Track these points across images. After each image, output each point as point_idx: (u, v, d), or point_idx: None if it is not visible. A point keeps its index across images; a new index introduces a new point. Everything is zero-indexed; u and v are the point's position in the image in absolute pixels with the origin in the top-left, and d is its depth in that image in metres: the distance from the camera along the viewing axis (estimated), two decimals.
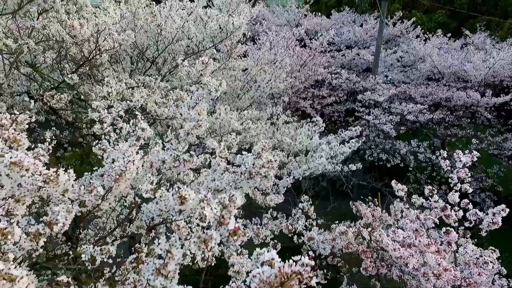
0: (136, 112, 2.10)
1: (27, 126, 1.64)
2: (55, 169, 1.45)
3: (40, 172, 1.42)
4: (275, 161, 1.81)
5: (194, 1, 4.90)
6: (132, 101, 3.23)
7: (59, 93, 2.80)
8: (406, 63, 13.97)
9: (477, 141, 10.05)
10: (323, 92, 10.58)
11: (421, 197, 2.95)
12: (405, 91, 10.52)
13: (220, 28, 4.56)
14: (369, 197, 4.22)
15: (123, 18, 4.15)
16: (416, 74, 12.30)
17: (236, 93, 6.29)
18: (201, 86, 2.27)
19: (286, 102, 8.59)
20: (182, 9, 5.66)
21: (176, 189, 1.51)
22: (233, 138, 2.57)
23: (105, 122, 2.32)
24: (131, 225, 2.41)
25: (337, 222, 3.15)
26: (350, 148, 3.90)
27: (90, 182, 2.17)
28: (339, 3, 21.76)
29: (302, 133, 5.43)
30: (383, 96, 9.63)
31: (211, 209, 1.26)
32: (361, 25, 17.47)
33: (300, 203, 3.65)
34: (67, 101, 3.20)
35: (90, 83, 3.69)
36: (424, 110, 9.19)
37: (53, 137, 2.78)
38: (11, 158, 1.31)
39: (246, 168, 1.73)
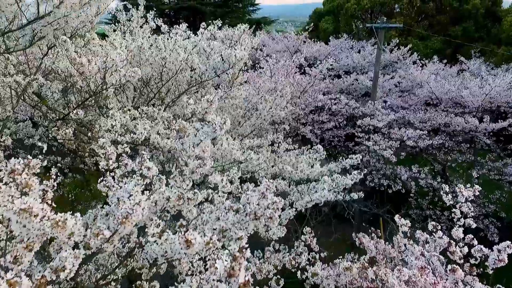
0: (143, 152, 2.14)
1: (38, 170, 1.67)
2: (62, 214, 1.47)
3: (48, 217, 1.43)
4: (280, 201, 1.82)
5: (197, 35, 5.07)
6: (135, 133, 3.28)
7: (65, 128, 2.85)
8: (404, 88, 14.22)
9: (477, 167, 10.08)
10: (323, 117, 10.71)
11: (424, 232, 2.93)
12: (403, 116, 10.65)
13: (222, 59, 4.70)
14: (372, 228, 4.18)
15: (129, 51, 4.28)
16: (414, 99, 12.50)
17: (237, 120, 6.38)
18: (205, 124, 2.32)
19: (288, 125, 8.69)
20: (185, 39, 5.86)
21: (182, 232, 1.52)
22: (235, 173, 2.59)
23: (111, 159, 2.35)
24: (133, 261, 2.39)
25: (340, 257, 3.11)
26: (352, 180, 3.91)
27: (94, 220, 2.17)
28: (337, 30, 22.46)
29: (303, 161, 5.46)
30: (382, 121, 9.74)
31: (222, 261, 1.27)
32: (359, 51, 17.93)
33: (302, 235, 3.62)
34: (72, 133, 3.25)
35: (95, 113, 3.76)
36: (424, 136, 9.26)
37: (55, 164, 2.80)
38: (21, 204, 1.33)
39: (251, 209, 1.74)
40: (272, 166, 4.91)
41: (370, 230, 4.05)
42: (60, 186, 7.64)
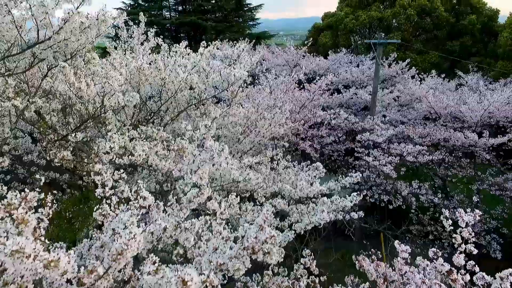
0: (139, 181, 2.11)
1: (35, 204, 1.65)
2: (55, 254, 1.43)
3: (40, 256, 1.40)
4: (278, 235, 1.79)
5: (197, 51, 5.11)
6: (134, 155, 3.26)
7: (63, 150, 2.83)
8: (403, 102, 14.29)
9: (478, 182, 10.03)
10: (322, 132, 10.72)
11: (425, 259, 2.87)
12: (403, 131, 10.66)
13: (222, 78, 4.72)
14: (373, 248, 4.12)
15: (129, 72, 4.31)
16: (413, 114, 12.54)
17: (236, 137, 6.37)
18: (204, 150, 2.31)
19: (287, 141, 8.67)
20: (185, 56, 5.90)
21: (177, 270, 1.48)
22: (234, 198, 2.56)
23: (107, 186, 2.33)
24: None
25: (340, 285, 3.05)
26: (351, 202, 3.88)
27: (89, 251, 2.13)
28: (336, 44, 22.73)
29: (302, 179, 5.42)
30: (381, 136, 9.75)
31: None
32: (358, 66, 18.10)
33: (302, 258, 3.56)
34: (70, 155, 3.23)
35: (94, 133, 3.75)
36: (423, 151, 9.25)
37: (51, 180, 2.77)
38: (12, 246, 1.30)
39: (249, 244, 1.71)
40: (271, 185, 4.87)
41: (370, 252, 3.99)
42: (57, 202, 7.57)
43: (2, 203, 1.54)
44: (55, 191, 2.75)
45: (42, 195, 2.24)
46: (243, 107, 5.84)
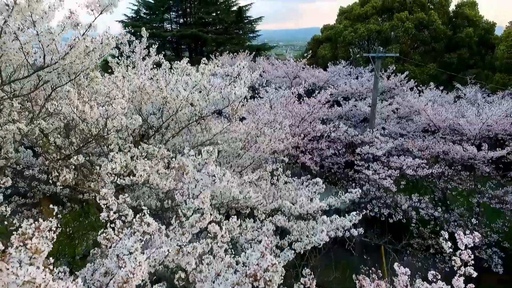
0: (143, 207, 2.15)
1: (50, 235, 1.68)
2: (64, 283, 1.47)
3: (50, 287, 1.43)
4: (279, 262, 1.82)
5: (198, 68, 5.20)
6: (135, 176, 3.30)
7: (65, 173, 2.87)
8: (402, 114, 14.37)
9: (478, 195, 10.03)
10: (322, 144, 10.77)
11: (425, 282, 2.88)
12: (402, 144, 10.71)
13: (222, 96, 4.80)
14: (373, 265, 4.12)
15: (131, 91, 4.38)
16: (412, 126, 12.61)
17: (236, 152, 6.42)
18: (205, 174, 2.35)
19: (287, 155, 8.71)
20: (185, 73, 5.99)
21: None
22: (234, 222, 2.59)
23: (111, 210, 2.36)
24: None
25: None
26: (350, 221, 3.90)
27: (92, 275, 2.15)
28: (335, 56, 22.99)
29: (302, 195, 5.45)
30: (381, 149, 9.79)
31: None
32: (357, 78, 18.27)
33: (302, 277, 3.56)
34: (73, 178, 3.27)
35: (96, 152, 3.80)
36: (423, 165, 9.28)
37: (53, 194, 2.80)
38: (25, 277, 1.34)
39: (251, 271, 1.74)
40: (271, 202, 4.89)
41: (371, 270, 3.99)
42: (58, 217, 7.55)
43: (18, 233, 1.58)
44: (55, 207, 2.79)
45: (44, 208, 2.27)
46: (243, 123, 5.91)
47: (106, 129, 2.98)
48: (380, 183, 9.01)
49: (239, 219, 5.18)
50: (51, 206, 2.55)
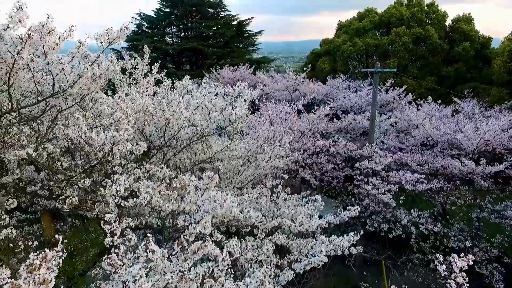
0: (148, 234, 2.24)
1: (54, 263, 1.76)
2: None
3: None
4: (278, 283, 1.89)
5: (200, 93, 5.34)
6: (138, 198, 3.39)
7: (70, 196, 2.97)
8: (401, 128, 14.50)
9: (477, 210, 10.06)
10: (321, 159, 10.86)
11: None
12: (401, 158, 10.80)
13: (223, 117, 4.92)
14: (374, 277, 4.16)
15: (134, 112, 4.50)
16: (411, 140, 12.71)
17: (237, 169, 6.51)
18: (207, 200, 2.44)
19: (286, 170, 8.79)
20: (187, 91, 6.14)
21: None
22: (235, 244, 2.67)
23: (116, 234, 2.44)
24: None
25: None
26: (348, 242, 3.96)
27: None
28: (334, 70, 23.29)
29: (302, 213, 5.51)
30: (380, 164, 9.88)
31: None
32: (356, 91, 18.49)
33: None
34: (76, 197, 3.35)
35: (101, 175, 3.89)
36: (422, 179, 9.35)
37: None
38: None
39: None
40: (271, 220, 4.96)
41: None
42: (58, 232, 7.58)
43: (26, 264, 1.66)
44: (56, 223, 2.86)
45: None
46: (244, 138, 6.01)
47: (111, 153, 3.09)
48: (379, 198, 9.06)
49: (239, 238, 5.24)
50: (52, 219, 2.61)
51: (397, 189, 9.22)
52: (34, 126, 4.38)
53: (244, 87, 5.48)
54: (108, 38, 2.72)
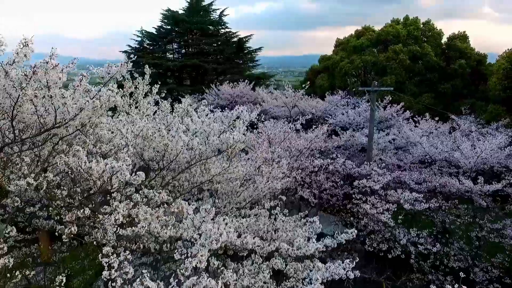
0: (143, 271, 2.28)
1: None
2: None
3: None
4: None
5: (199, 118, 5.44)
6: (137, 226, 3.43)
7: (71, 226, 3.01)
8: (399, 145, 14.59)
9: (477, 229, 10.04)
10: (320, 177, 10.89)
11: None
12: (399, 176, 10.84)
13: (221, 141, 5.01)
14: None
15: (135, 137, 4.59)
16: (409, 158, 12.78)
17: (235, 190, 6.55)
18: (202, 233, 2.49)
19: (285, 189, 8.82)
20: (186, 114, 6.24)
21: None
22: (230, 275, 2.70)
23: (113, 268, 2.48)
24: None
25: None
26: (344, 269, 3.98)
27: None
28: (332, 86, 23.61)
29: (299, 235, 5.53)
30: (378, 183, 9.90)
31: None
32: (354, 107, 18.69)
33: None
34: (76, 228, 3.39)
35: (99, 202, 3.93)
36: (420, 198, 9.36)
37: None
38: None
39: None
40: (269, 244, 4.97)
41: None
42: (55, 253, 7.54)
43: None
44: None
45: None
46: (241, 162, 6.08)
47: (110, 183, 3.15)
48: (377, 217, 9.06)
49: (237, 260, 5.23)
50: (50, 240, 2.64)
51: (396, 208, 9.22)
52: (35, 151, 4.46)
53: (242, 111, 5.59)
54: (109, 74, 2.83)
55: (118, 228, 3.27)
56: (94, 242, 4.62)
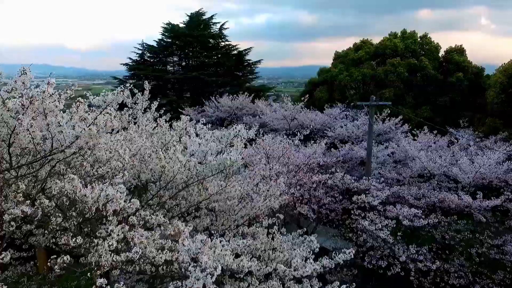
0: None
1: None
2: None
3: None
4: None
5: (198, 135, 5.47)
6: (131, 252, 3.42)
7: (64, 259, 3.01)
8: (398, 158, 14.58)
9: (477, 245, 9.96)
10: (318, 192, 10.86)
11: None
12: (398, 191, 10.80)
13: (218, 162, 5.02)
14: None
15: (133, 156, 4.60)
16: (408, 172, 12.77)
17: (233, 208, 6.53)
18: (198, 265, 2.48)
19: (283, 206, 8.78)
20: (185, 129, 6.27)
21: None
22: None
23: None
24: None
25: None
26: None
27: None
28: (331, 99, 23.74)
29: (297, 255, 5.49)
30: (377, 198, 9.87)
31: None
32: (353, 120, 18.75)
33: None
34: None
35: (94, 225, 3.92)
36: (419, 214, 9.32)
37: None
38: None
39: None
40: (266, 266, 4.93)
41: None
42: (53, 270, 7.46)
43: None
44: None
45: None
46: (238, 181, 6.08)
47: (105, 210, 3.16)
48: (376, 234, 9.00)
49: (235, 280, 5.17)
50: (47, 257, 2.62)
51: (394, 224, 9.17)
52: (32, 172, 4.47)
53: (240, 130, 5.63)
54: (105, 102, 2.87)
55: (112, 254, 3.26)
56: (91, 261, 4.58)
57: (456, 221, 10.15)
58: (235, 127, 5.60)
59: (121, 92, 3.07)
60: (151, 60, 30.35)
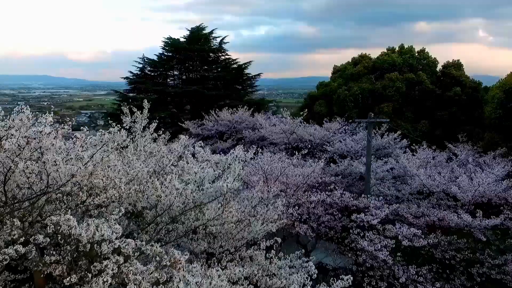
0: None
1: None
2: None
3: None
4: None
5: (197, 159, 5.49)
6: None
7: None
8: (397, 174, 14.55)
9: (478, 265, 9.86)
10: (317, 210, 10.81)
11: None
12: (397, 209, 10.75)
13: (215, 189, 5.02)
14: None
15: (130, 180, 4.61)
16: (407, 189, 12.74)
17: (230, 232, 6.49)
18: None
19: (282, 226, 8.72)
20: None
21: None
22: None
23: None
24: None
25: None
26: None
27: None
28: (330, 112, 23.86)
29: (294, 281, 5.44)
30: (376, 217, 9.82)
31: None
32: (352, 134, 18.79)
33: None
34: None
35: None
36: (419, 234, 9.25)
37: None
38: None
39: None
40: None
41: None
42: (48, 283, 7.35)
43: None
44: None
45: None
46: (235, 206, 6.06)
47: (100, 249, 3.15)
48: (375, 255, 8.92)
49: None
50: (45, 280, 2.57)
51: (394, 244, 9.10)
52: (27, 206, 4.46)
53: (236, 156, 5.64)
54: (102, 141, 2.90)
55: None
56: None
57: (456, 241, 10.06)
58: (232, 152, 5.62)
59: (118, 132, 3.10)
60: (152, 74, 30.59)
